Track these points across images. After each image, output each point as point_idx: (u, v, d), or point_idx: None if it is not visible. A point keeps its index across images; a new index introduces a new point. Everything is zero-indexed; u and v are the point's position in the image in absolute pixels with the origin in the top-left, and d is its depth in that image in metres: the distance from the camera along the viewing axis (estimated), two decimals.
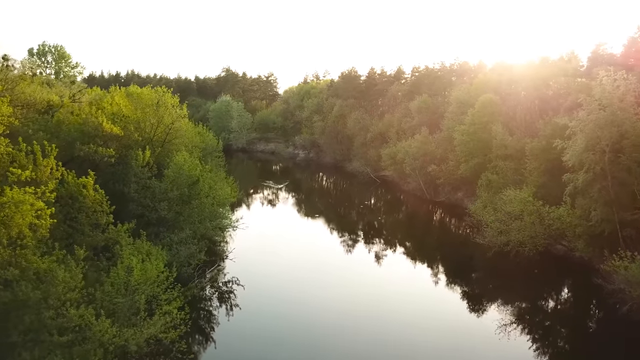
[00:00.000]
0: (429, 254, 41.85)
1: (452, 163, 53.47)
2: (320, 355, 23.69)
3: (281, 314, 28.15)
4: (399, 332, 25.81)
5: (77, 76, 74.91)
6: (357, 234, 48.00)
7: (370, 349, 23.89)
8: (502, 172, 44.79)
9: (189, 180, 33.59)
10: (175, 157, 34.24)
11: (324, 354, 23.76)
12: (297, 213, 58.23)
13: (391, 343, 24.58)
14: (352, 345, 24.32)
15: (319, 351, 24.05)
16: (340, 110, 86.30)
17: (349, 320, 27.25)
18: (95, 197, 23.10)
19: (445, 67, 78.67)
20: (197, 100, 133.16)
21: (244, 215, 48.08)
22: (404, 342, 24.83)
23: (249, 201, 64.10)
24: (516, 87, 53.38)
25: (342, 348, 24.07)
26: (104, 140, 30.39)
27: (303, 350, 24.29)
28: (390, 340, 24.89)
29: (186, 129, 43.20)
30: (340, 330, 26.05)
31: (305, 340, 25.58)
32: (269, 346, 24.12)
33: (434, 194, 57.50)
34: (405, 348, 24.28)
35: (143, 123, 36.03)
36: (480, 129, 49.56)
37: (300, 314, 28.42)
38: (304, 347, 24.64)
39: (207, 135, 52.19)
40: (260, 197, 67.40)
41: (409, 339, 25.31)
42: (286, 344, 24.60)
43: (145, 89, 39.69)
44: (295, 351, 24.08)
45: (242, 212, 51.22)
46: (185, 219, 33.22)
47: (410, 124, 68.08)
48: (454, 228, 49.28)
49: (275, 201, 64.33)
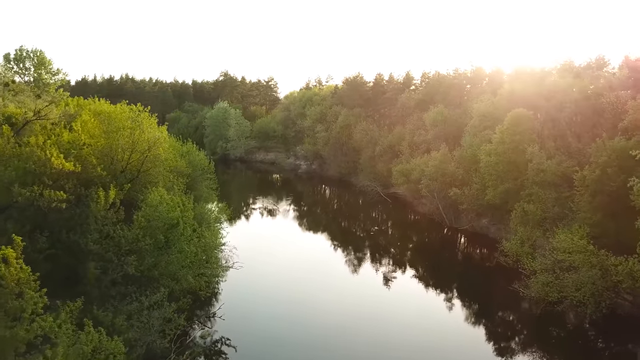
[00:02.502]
0: (457, 303, 35.09)
1: (476, 186, 46.78)
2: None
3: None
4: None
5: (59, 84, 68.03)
6: (370, 269, 41.35)
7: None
8: (541, 202, 38.16)
9: (167, 223, 27.02)
10: (149, 194, 27.65)
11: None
12: (300, 240, 51.27)
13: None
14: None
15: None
16: (345, 120, 79.69)
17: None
18: (18, 277, 16.46)
19: (458, 73, 72.12)
20: (193, 106, 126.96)
21: (238, 242, 42.05)
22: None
23: (246, 222, 57.55)
24: (551, 99, 46.68)
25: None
26: (54, 178, 23.80)
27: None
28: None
29: (169, 151, 36.70)
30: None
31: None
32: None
33: (455, 219, 50.83)
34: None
35: (113, 151, 29.47)
36: (511, 149, 42.90)
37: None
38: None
39: (195, 154, 45.69)
40: (258, 216, 60.76)
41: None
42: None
43: (118, 107, 33.14)
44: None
45: (237, 239, 44.64)
46: (161, 272, 26.66)
47: (424, 137, 61.46)
48: (483, 267, 41.75)
49: (275, 223, 57.58)
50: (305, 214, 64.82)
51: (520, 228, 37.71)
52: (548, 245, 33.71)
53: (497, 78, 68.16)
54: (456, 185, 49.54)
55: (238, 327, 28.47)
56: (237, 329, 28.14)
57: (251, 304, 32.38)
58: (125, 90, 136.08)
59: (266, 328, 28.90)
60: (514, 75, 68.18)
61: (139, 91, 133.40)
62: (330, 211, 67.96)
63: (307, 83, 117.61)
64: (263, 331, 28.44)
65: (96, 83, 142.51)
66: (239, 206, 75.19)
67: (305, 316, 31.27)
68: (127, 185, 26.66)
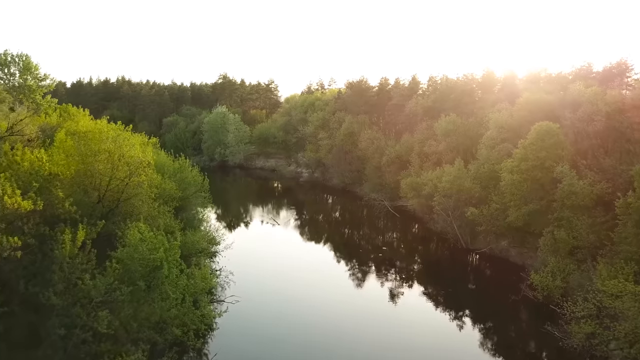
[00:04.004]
0: (480, 341, 30.96)
1: (495, 206, 42.69)
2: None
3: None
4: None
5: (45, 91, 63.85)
6: (380, 294, 37.30)
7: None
8: (573, 229, 34.10)
9: (148, 265, 23.01)
10: (129, 230, 23.64)
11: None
12: (303, 260, 46.90)
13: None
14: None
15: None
16: (349, 128, 75.56)
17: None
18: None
19: (468, 77, 68.05)
20: (191, 110, 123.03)
21: (236, 263, 38.51)
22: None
23: (244, 236, 53.48)
24: (576, 110, 42.61)
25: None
26: (8, 220, 19.77)
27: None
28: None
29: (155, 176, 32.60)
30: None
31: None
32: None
33: (470, 240, 46.75)
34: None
35: (88, 178, 25.46)
36: (537, 167, 38.84)
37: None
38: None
39: (188, 172, 41.68)
40: (258, 230, 56.64)
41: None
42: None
43: (98, 124, 29.05)
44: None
45: (235, 259, 40.67)
46: (141, 324, 22.66)
47: (435, 148, 57.36)
48: (507, 300, 37.04)
49: (275, 239, 53.29)
50: (308, 228, 60.73)
51: (551, 258, 33.63)
52: (584, 279, 29.77)
53: (510, 83, 64.26)
54: (473, 204, 45.47)
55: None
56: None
57: (252, 345, 28.19)
58: (121, 93, 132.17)
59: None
60: (529, 80, 64.38)
61: (135, 94, 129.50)
62: (334, 225, 63.74)
63: (309, 86, 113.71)
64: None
65: (92, 86, 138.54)
66: (238, 215, 71.50)
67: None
68: (100, 222, 22.56)
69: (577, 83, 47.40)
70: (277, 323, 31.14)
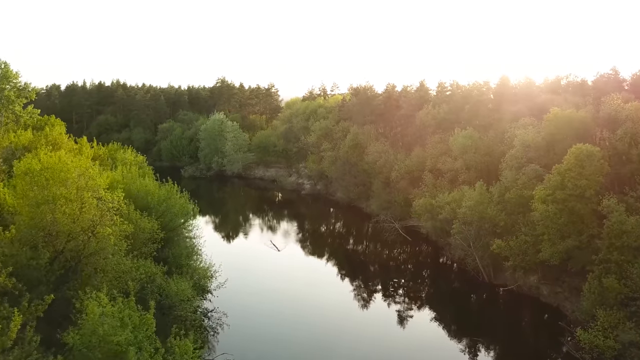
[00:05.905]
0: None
1: (525, 238, 37.59)
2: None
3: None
4: None
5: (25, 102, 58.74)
6: (393, 334, 32.36)
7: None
8: (627, 276, 28.99)
9: (112, 352, 17.95)
10: (87, 304, 18.58)
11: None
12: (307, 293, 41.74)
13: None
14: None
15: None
16: (355, 139, 70.40)
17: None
18: None
19: (482, 85, 62.99)
20: (188, 115, 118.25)
21: (230, 295, 33.95)
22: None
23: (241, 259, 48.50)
24: (615, 129, 37.55)
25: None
26: None
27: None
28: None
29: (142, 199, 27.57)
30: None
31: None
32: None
33: (494, 274, 41.66)
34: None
35: (39, 231, 20.39)
36: (575, 197, 33.76)
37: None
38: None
39: (175, 200, 36.57)
40: (257, 252, 51.55)
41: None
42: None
43: (57, 159, 23.69)
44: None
45: (230, 291, 35.76)
46: None
47: (451, 165, 52.26)
48: (546, 353, 32.11)
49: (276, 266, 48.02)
50: (311, 250, 55.69)
51: (599, 310, 28.51)
52: None
53: (529, 92, 59.06)
54: (497, 233, 40.42)
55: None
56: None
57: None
58: (115, 97, 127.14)
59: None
60: (550, 89, 59.30)
61: (130, 99, 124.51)
62: (341, 255, 58.39)
63: (311, 91, 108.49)
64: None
65: (85, 89, 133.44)
66: (236, 229, 66.77)
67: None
68: (48, 297, 17.48)
69: (613, 96, 42.21)
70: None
